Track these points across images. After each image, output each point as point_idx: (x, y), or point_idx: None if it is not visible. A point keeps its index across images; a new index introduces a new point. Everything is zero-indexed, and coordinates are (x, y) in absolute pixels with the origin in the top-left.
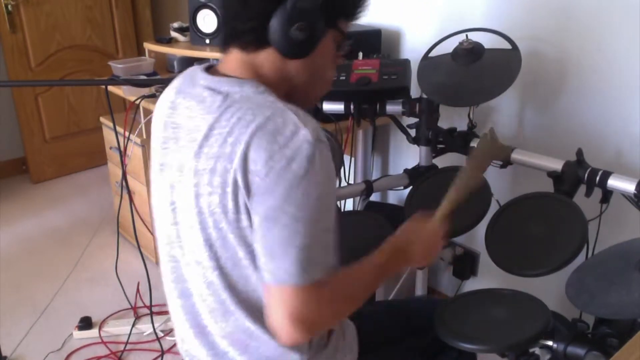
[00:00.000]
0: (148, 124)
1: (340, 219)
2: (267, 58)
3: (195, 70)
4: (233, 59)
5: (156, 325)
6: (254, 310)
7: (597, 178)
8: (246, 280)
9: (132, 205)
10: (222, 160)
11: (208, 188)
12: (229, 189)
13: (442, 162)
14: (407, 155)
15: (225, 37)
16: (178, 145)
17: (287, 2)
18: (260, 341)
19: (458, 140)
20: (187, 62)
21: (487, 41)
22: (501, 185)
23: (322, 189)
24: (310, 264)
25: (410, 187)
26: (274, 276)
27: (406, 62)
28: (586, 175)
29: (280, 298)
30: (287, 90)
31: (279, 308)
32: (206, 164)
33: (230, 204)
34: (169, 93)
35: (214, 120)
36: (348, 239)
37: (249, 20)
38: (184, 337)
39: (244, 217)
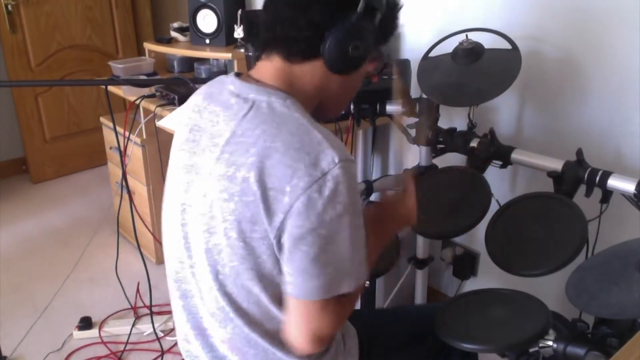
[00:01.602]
0: (148, 124)
1: None
2: (310, 70)
3: (225, 77)
4: (271, 66)
5: (156, 325)
6: (254, 322)
7: (597, 178)
8: (248, 292)
9: (132, 205)
10: (242, 169)
11: (224, 195)
12: (246, 199)
13: (442, 162)
14: (407, 155)
15: (268, 42)
16: (199, 148)
17: (350, 18)
18: (259, 349)
19: (458, 140)
20: (187, 62)
21: (487, 41)
22: (501, 185)
23: (354, 209)
24: (342, 280)
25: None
26: (303, 291)
27: (406, 62)
28: (586, 175)
29: (303, 312)
30: (318, 103)
31: (301, 322)
32: (225, 170)
33: (247, 213)
34: (196, 98)
35: (238, 127)
36: None
37: (305, 29)
38: (186, 338)
39: (258, 228)
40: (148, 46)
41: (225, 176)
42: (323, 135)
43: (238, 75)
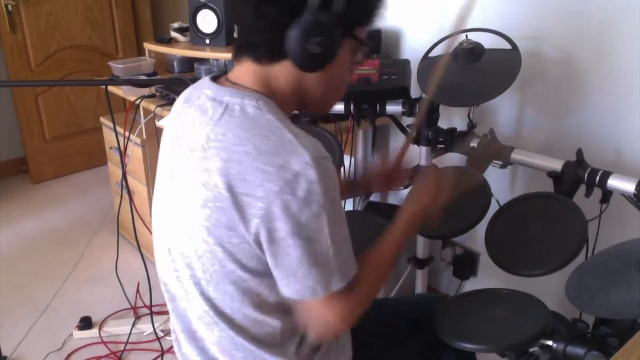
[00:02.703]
0: (148, 124)
1: None
2: (282, 70)
3: (204, 81)
4: (244, 69)
5: (156, 325)
6: (238, 326)
7: (597, 178)
8: (230, 298)
9: (132, 205)
10: (215, 175)
11: (200, 201)
12: (220, 205)
13: (442, 162)
14: (407, 155)
15: (237, 48)
16: (179, 153)
17: (304, 15)
18: (247, 352)
19: (458, 140)
20: (187, 62)
21: (487, 41)
22: (501, 185)
23: (331, 206)
24: (332, 276)
25: (410, 187)
26: (297, 292)
27: (406, 62)
28: (586, 175)
29: (306, 311)
30: (301, 101)
31: (310, 320)
32: (200, 176)
33: (223, 219)
34: (178, 102)
35: (211, 132)
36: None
37: (263, 32)
38: (179, 340)
39: (234, 233)
40: (148, 46)
41: (200, 182)
42: (294, 135)
43: (215, 78)
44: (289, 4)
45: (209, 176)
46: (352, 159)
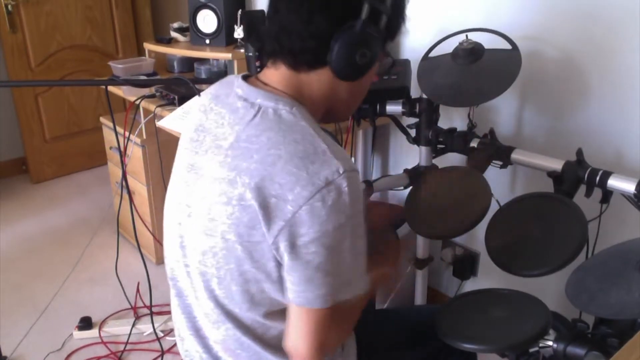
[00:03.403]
0: (148, 124)
1: None
2: (318, 78)
3: (234, 79)
4: (277, 74)
5: (156, 325)
6: (245, 326)
7: (597, 178)
8: (240, 297)
9: (132, 205)
10: (244, 175)
11: (224, 198)
12: (244, 203)
13: (442, 162)
14: (407, 155)
15: (274, 52)
16: (202, 149)
17: (355, 26)
18: (251, 352)
19: (458, 140)
20: (187, 62)
21: (487, 41)
22: (501, 185)
23: (356, 219)
24: (344, 288)
25: (410, 187)
26: (306, 299)
27: (406, 62)
28: (586, 175)
29: (306, 319)
30: (328, 108)
31: (303, 329)
32: (227, 174)
33: (245, 218)
34: (204, 98)
35: (243, 132)
36: None
37: (310, 40)
38: (183, 337)
39: (256, 232)
40: (148, 46)
41: (226, 180)
42: (328, 145)
43: (246, 78)
44: (341, 15)
45: (237, 175)
46: (352, 159)
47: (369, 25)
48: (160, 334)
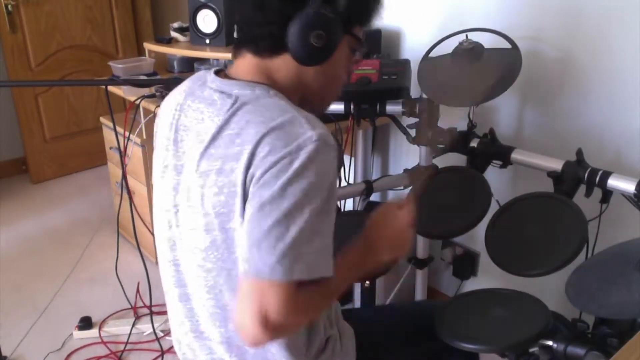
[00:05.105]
0: (148, 124)
1: (340, 219)
2: (282, 64)
3: (205, 74)
4: (246, 63)
5: (156, 325)
6: None
7: (597, 178)
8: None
9: (132, 205)
10: (229, 161)
11: (214, 189)
12: (235, 189)
13: (442, 162)
14: (407, 155)
15: (238, 41)
16: (185, 147)
17: (307, 8)
18: (258, 348)
19: (458, 140)
20: (187, 62)
21: (487, 41)
22: (501, 185)
23: (321, 194)
24: (296, 262)
25: (410, 187)
26: (255, 268)
27: (406, 62)
28: (586, 175)
29: (253, 291)
30: (301, 96)
31: (249, 302)
32: (213, 165)
33: (238, 204)
34: (176, 95)
35: (224, 122)
36: (348, 239)
37: (266, 25)
38: (182, 340)
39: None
40: (148, 46)
41: (213, 171)
42: (307, 119)
43: (217, 72)
44: None
45: (224, 162)
46: (352, 159)
47: (323, 6)
48: (160, 334)
